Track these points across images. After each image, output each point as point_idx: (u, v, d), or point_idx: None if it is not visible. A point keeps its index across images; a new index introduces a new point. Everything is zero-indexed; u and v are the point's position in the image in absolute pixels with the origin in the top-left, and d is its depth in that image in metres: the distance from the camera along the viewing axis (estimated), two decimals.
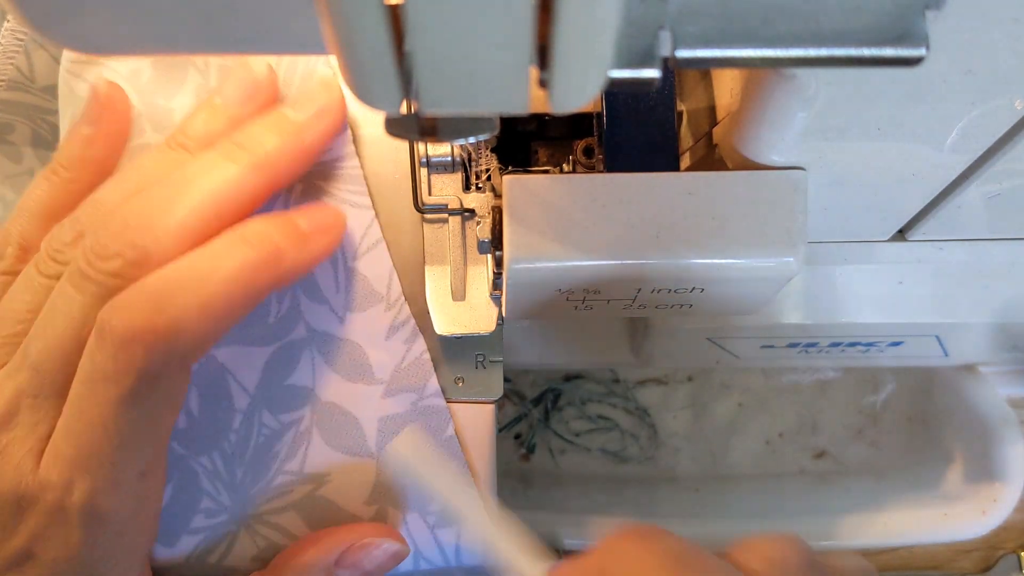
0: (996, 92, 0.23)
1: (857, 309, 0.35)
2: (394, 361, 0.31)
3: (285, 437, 0.31)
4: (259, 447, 0.31)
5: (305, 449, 0.31)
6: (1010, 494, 0.42)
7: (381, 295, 0.31)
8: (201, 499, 0.31)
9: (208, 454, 0.31)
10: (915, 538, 0.43)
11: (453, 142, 0.25)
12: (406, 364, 0.31)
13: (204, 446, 0.31)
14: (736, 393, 0.49)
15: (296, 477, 0.31)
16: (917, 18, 0.17)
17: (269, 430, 0.31)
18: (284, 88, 0.30)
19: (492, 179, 0.29)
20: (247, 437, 0.31)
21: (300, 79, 0.30)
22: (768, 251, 0.25)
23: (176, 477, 0.31)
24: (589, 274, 0.26)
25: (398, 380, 0.31)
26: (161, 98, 0.31)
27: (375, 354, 0.31)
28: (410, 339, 0.31)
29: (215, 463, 0.31)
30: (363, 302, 0.31)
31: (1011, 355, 0.41)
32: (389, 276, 0.31)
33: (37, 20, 0.16)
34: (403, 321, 0.31)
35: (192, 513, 0.31)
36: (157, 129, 0.31)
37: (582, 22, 0.14)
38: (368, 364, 0.31)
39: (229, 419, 0.31)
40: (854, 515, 0.44)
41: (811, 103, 0.23)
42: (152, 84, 0.31)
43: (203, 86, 0.31)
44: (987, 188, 0.28)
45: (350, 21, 0.14)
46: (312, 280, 0.31)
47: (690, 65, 0.17)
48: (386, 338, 0.31)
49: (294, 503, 0.31)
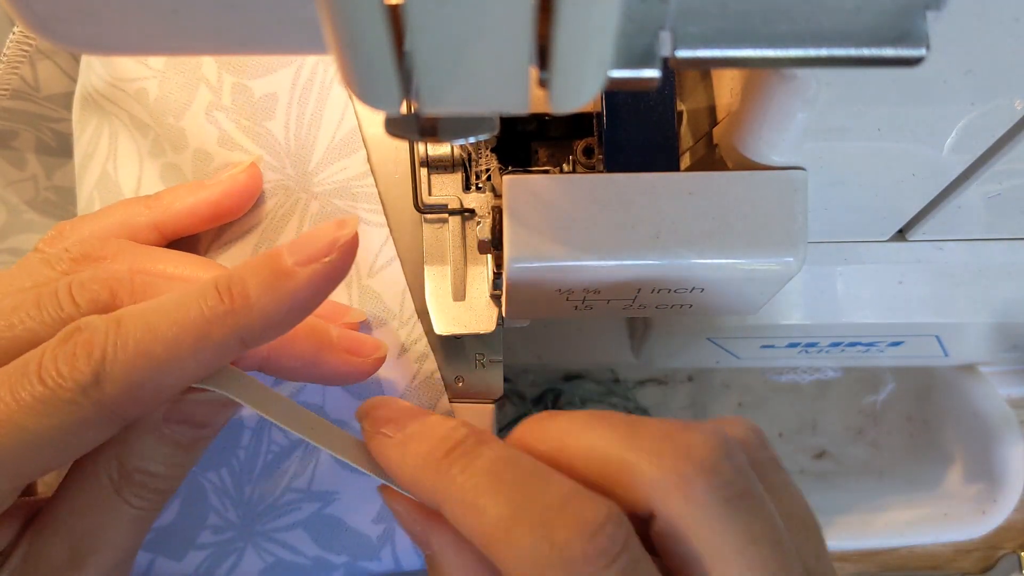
0: (996, 92, 0.23)
1: (857, 309, 0.35)
2: (405, 380, 0.31)
3: (294, 455, 0.31)
4: (268, 464, 0.31)
5: (314, 467, 0.31)
6: (1010, 494, 0.42)
7: (394, 313, 0.31)
8: (208, 515, 0.31)
9: (216, 470, 0.31)
10: (915, 538, 0.43)
11: (453, 142, 0.24)
12: (417, 383, 0.31)
13: (212, 462, 0.31)
14: (736, 393, 0.49)
15: (304, 495, 0.31)
16: (917, 18, 0.17)
17: (278, 447, 0.31)
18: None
19: (492, 179, 0.29)
20: (255, 454, 0.31)
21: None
22: (768, 251, 0.25)
23: (184, 492, 0.31)
24: (589, 274, 0.26)
25: (408, 399, 0.31)
26: (171, 116, 0.31)
27: (386, 372, 0.31)
28: (421, 358, 0.31)
29: (223, 479, 0.31)
30: (375, 320, 0.31)
31: (1011, 355, 0.42)
32: (402, 294, 0.31)
33: (43, 24, 0.16)
34: (416, 339, 0.31)
35: (199, 528, 0.31)
36: (175, 149, 0.31)
37: (582, 22, 0.14)
38: (378, 382, 0.31)
39: (238, 436, 0.31)
40: (854, 515, 0.44)
41: (811, 103, 0.23)
42: (160, 103, 0.31)
43: (214, 104, 0.31)
44: (987, 188, 0.28)
45: (350, 21, 0.14)
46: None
47: (690, 65, 0.17)
48: (398, 356, 0.31)
49: (302, 520, 0.31)
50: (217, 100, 0.31)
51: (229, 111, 0.31)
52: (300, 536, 0.31)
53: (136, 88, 0.31)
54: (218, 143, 0.31)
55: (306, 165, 0.31)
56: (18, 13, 0.15)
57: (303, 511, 0.31)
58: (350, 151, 0.31)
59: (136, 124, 0.32)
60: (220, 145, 0.31)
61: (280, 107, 0.31)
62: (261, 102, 0.31)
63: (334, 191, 0.31)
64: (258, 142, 0.31)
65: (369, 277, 0.31)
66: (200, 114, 0.31)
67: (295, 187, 0.31)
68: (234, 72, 0.31)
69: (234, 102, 0.31)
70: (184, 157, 0.31)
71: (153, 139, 0.32)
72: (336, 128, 0.31)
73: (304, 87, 0.31)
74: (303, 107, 0.31)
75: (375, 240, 0.31)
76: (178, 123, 0.31)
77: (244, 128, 0.31)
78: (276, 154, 0.31)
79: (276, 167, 0.31)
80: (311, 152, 0.31)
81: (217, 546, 0.31)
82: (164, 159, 0.31)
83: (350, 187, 0.31)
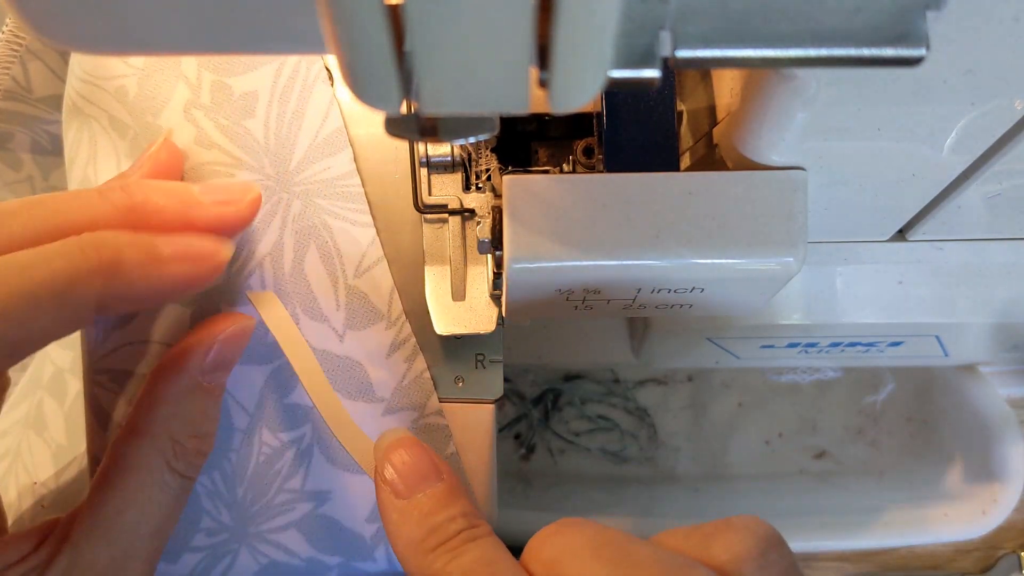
0: (996, 92, 0.23)
1: (857, 309, 0.35)
2: (395, 379, 0.31)
3: (286, 455, 0.31)
4: (260, 466, 0.31)
5: (306, 467, 0.31)
6: (1010, 494, 0.42)
7: (382, 313, 0.31)
8: (202, 518, 0.31)
9: (208, 473, 0.31)
10: (915, 538, 0.43)
11: (453, 142, 0.24)
12: (407, 382, 0.31)
13: (204, 466, 0.31)
14: (736, 393, 0.49)
15: (297, 495, 0.31)
16: (917, 18, 0.17)
17: (270, 448, 0.31)
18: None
19: (492, 179, 0.29)
20: (247, 456, 0.31)
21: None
22: (768, 251, 0.25)
23: None
24: (589, 274, 0.26)
25: (399, 398, 0.31)
26: (149, 115, 0.31)
27: (376, 372, 0.31)
28: (411, 357, 0.31)
29: (215, 482, 0.31)
30: (363, 320, 0.31)
31: (1011, 355, 0.42)
32: (390, 294, 0.31)
33: (36, 20, 0.16)
34: (404, 339, 0.31)
35: (193, 532, 0.31)
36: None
37: (582, 22, 0.14)
38: (369, 382, 0.31)
39: (228, 438, 0.31)
40: (854, 515, 0.44)
41: (811, 103, 0.23)
42: (140, 100, 0.30)
43: (192, 102, 0.30)
44: (987, 188, 0.28)
45: (350, 21, 0.14)
46: (311, 298, 0.31)
47: (690, 65, 0.17)
48: (387, 356, 0.31)
49: (295, 521, 0.31)
50: (196, 98, 0.30)
51: (208, 109, 0.30)
52: (294, 537, 0.31)
53: (116, 86, 0.31)
54: (195, 142, 0.30)
55: (287, 164, 0.30)
56: (10, 5, 0.15)
57: (296, 512, 0.31)
58: (334, 150, 0.30)
59: (115, 125, 0.32)
60: (197, 144, 0.30)
61: (260, 105, 0.30)
62: (241, 100, 0.30)
63: (316, 190, 0.30)
64: (236, 141, 0.30)
65: (356, 277, 0.31)
66: (179, 112, 0.30)
67: (275, 186, 0.30)
68: (214, 70, 0.30)
69: (213, 100, 0.30)
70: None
71: (132, 139, 0.31)
72: (320, 126, 0.30)
73: (286, 85, 0.30)
74: (284, 105, 0.30)
75: (362, 240, 0.31)
76: (156, 121, 0.30)
77: (222, 127, 0.30)
78: (254, 153, 0.30)
79: (255, 167, 0.30)
80: (292, 150, 0.30)
81: (211, 548, 0.31)
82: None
83: (335, 186, 0.31)
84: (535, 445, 0.49)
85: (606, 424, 0.49)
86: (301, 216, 0.30)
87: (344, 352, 0.31)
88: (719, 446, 0.49)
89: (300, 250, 0.30)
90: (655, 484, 0.48)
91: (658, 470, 0.49)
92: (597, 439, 0.49)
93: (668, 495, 0.47)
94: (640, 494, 0.47)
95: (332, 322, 0.31)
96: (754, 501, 0.46)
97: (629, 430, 0.49)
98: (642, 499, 0.46)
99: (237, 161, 0.30)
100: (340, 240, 0.31)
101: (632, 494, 0.47)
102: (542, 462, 0.49)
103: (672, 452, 0.49)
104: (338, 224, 0.30)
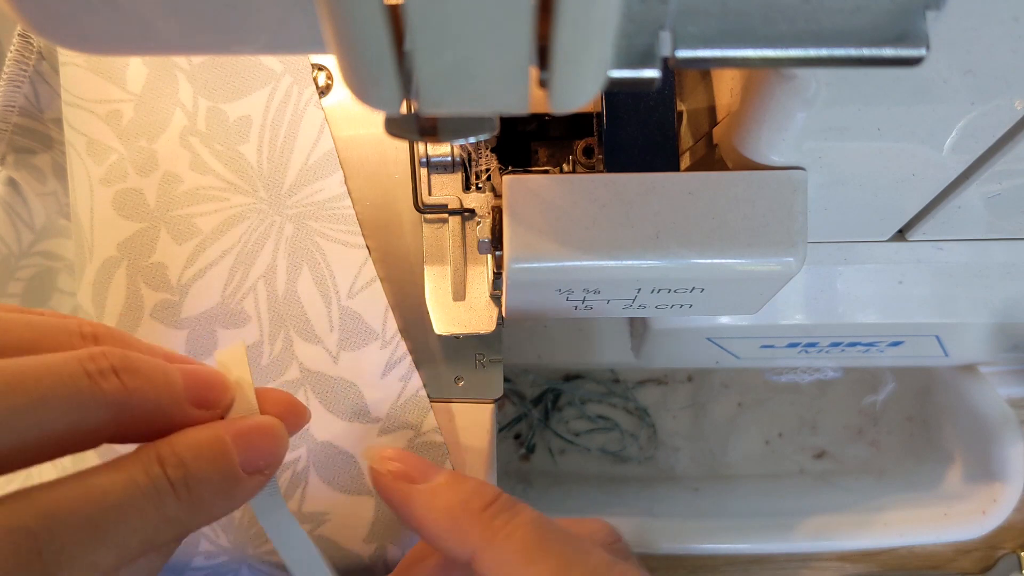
0: (996, 92, 0.23)
1: (857, 309, 0.35)
2: (390, 399, 0.31)
3: (282, 478, 0.31)
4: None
5: (303, 489, 0.31)
6: (1010, 494, 0.42)
7: (376, 333, 0.31)
8: (200, 542, 0.31)
9: None
10: (915, 538, 0.43)
11: (453, 142, 0.24)
12: (402, 401, 0.31)
13: None
14: (736, 393, 0.49)
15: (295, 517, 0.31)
16: (917, 18, 0.17)
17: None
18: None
19: (492, 179, 0.29)
20: None
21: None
22: (768, 251, 0.25)
23: None
24: (589, 274, 0.26)
25: (394, 417, 0.31)
26: (144, 139, 0.31)
27: (370, 392, 0.31)
28: (406, 376, 0.31)
29: None
30: (358, 341, 0.31)
31: (1011, 355, 0.42)
32: (384, 314, 0.31)
33: (36, 20, 0.16)
34: (399, 358, 0.31)
35: (192, 555, 0.31)
36: (141, 172, 0.31)
37: (582, 22, 0.14)
38: (364, 402, 0.31)
39: None
40: (854, 515, 0.44)
41: (811, 103, 0.23)
42: (135, 126, 0.31)
43: (189, 128, 0.31)
44: (987, 188, 0.28)
45: (350, 21, 0.14)
46: (305, 320, 0.31)
47: (690, 65, 0.17)
48: (382, 376, 0.31)
49: None
50: (192, 125, 0.31)
51: (203, 136, 0.31)
52: None
53: (109, 110, 0.31)
54: (190, 167, 0.31)
55: (279, 187, 0.31)
56: (10, 6, 0.15)
57: None
58: (326, 172, 0.31)
59: (92, 150, 0.32)
60: (192, 169, 0.31)
61: (254, 130, 0.31)
62: (235, 125, 0.31)
63: (309, 212, 0.31)
64: (230, 166, 0.31)
65: (349, 298, 0.31)
66: (175, 138, 0.31)
67: (268, 209, 0.31)
68: (209, 96, 0.31)
69: (208, 127, 0.31)
70: (150, 180, 0.31)
71: (112, 164, 0.31)
72: (311, 149, 0.31)
73: (278, 109, 0.31)
74: (276, 129, 0.31)
75: (354, 262, 0.31)
76: (150, 145, 0.31)
77: (217, 153, 0.31)
78: (248, 178, 0.31)
79: (247, 190, 0.31)
80: (284, 174, 0.31)
81: (211, 569, 0.31)
82: (122, 185, 0.31)
83: (327, 208, 0.31)
84: (535, 445, 0.49)
85: (606, 424, 0.49)
86: (294, 238, 0.31)
87: (338, 373, 0.31)
88: (719, 446, 0.49)
89: (293, 272, 0.31)
90: (655, 484, 0.47)
91: (658, 470, 0.49)
92: (597, 439, 0.49)
93: (668, 495, 0.47)
94: (640, 494, 0.47)
95: (326, 343, 0.31)
96: (754, 501, 0.46)
97: (629, 430, 0.49)
98: (642, 499, 0.46)
99: (231, 185, 0.31)
100: (333, 261, 0.31)
101: (632, 494, 0.47)
102: (542, 462, 0.49)
103: (672, 452, 0.49)
104: (330, 246, 0.31)
